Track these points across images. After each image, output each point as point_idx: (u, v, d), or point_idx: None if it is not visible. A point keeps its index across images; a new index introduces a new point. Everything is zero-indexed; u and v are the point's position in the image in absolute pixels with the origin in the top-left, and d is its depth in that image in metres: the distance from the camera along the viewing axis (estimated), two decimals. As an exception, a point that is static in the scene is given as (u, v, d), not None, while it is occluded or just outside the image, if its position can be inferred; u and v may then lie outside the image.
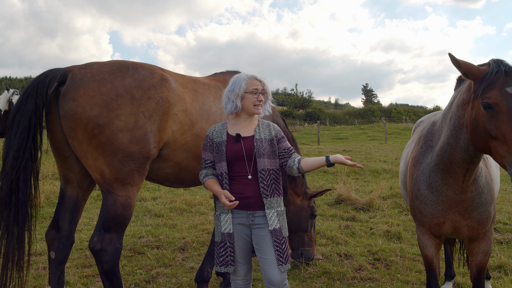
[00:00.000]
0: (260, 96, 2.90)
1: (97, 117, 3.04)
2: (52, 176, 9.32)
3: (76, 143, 3.09)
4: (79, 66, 3.28)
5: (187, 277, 4.54)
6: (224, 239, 2.86)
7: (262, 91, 2.92)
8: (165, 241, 5.77)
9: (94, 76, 3.14)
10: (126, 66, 3.32)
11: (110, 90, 3.11)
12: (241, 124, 2.97)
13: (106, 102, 3.07)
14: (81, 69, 3.21)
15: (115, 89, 3.13)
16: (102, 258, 3.13)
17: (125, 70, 3.27)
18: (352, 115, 65.54)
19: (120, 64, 3.32)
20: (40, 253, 5.18)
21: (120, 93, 3.13)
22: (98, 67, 3.23)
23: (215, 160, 2.92)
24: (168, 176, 3.67)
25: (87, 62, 3.35)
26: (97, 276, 4.53)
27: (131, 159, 3.14)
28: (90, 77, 3.13)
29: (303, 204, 4.92)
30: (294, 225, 4.86)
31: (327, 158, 2.81)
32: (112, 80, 3.15)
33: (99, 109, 3.05)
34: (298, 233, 4.93)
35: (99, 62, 3.34)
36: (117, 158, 3.09)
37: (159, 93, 3.30)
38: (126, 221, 3.22)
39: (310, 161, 2.88)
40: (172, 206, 7.73)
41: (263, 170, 2.84)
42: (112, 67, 3.25)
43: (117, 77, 3.19)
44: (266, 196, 2.84)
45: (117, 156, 3.09)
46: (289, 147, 2.98)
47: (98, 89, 3.09)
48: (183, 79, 3.76)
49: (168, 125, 3.37)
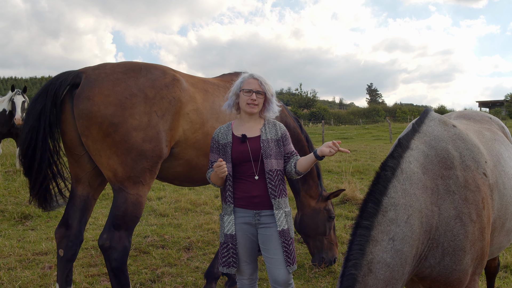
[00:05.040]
0: (253, 95, 2.83)
1: (112, 115, 3.09)
2: (58, 176, 9.34)
3: (90, 142, 3.13)
4: (93, 67, 3.34)
5: (192, 277, 4.54)
6: (226, 240, 2.85)
7: (258, 91, 2.85)
8: (170, 240, 5.78)
9: (108, 76, 3.20)
10: (139, 66, 3.39)
11: (124, 89, 3.17)
12: (246, 125, 2.94)
13: (121, 101, 3.12)
14: (95, 69, 3.27)
15: (129, 89, 3.18)
16: (111, 256, 3.15)
17: (138, 70, 3.33)
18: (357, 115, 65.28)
19: (132, 65, 3.39)
20: (46, 252, 5.20)
21: (134, 93, 3.18)
22: (111, 67, 3.30)
23: None
24: (178, 175, 3.70)
25: (100, 63, 3.42)
26: (103, 275, 4.54)
27: (144, 158, 3.18)
28: (104, 77, 3.19)
29: (319, 206, 4.74)
30: (311, 229, 4.70)
31: (314, 152, 2.76)
32: (126, 80, 3.22)
33: (113, 108, 3.10)
34: (317, 237, 4.72)
35: (112, 63, 3.41)
36: (130, 157, 3.14)
37: (171, 92, 3.35)
38: (136, 220, 3.26)
39: (303, 161, 2.83)
40: (177, 205, 7.74)
41: (270, 170, 2.82)
42: (125, 68, 3.32)
43: (131, 77, 3.25)
44: (274, 196, 2.82)
45: (130, 154, 3.13)
46: (292, 151, 2.94)
47: (113, 88, 3.14)
48: (193, 79, 3.81)
49: (179, 124, 3.41)
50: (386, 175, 2.21)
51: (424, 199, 2.19)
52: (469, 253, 2.27)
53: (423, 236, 2.17)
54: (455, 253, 2.24)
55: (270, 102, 2.93)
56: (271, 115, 2.97)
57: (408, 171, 2.23)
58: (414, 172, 2.23)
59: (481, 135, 2.99)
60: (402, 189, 2.16)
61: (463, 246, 2.24)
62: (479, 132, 3.04)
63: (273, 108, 2.96)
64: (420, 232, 2.15)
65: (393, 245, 2.04)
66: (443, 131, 2.53)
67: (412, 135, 2.44)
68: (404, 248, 2.06)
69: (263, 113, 2.96)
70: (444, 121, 2.63)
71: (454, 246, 2.24)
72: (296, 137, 4.66)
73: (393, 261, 2.02)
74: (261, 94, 2.87)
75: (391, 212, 2.09)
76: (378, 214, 2.08)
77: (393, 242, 2.05)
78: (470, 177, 2.37)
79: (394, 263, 2.02)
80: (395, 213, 2.10)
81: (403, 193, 2.15)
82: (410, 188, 2.18)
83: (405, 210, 2.12)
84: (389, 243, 2.04)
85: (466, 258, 2.27)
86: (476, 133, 2.98)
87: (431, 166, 2.31)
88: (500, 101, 62.79)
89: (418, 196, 2.18)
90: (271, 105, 2.94)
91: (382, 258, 2.01)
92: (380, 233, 2.05)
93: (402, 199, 2.13)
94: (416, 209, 2.15)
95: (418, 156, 2.31)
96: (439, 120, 2.62)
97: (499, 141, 3.05)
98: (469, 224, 2.27)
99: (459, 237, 2.24)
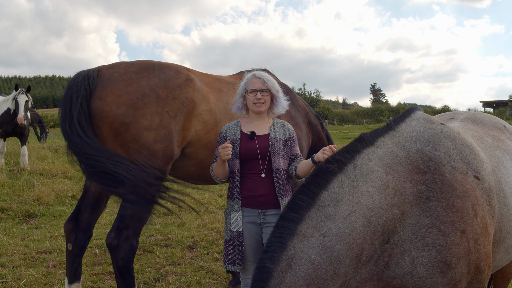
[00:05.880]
0: (258, 94, 2.83)
1: (123, 115, 3.10)
2: (62, 175, 9.38)
3: (101, 141, 3.14)
4: (107, 66, 3.36)
5: (196, 276, 4.54)
6: (233, 237, 2.83)
7: (262, 89, 2.85)
8: (174, 239, 5.78)
9: (121, 75, 3.21)
10: (152, 66, 3.38)
11: (136, 89, 3.17)
12: (254, 123, 2.93)
13: (132, 101, 3.13)
14: (109, 68, 3.29)
15: (141, 89, 3.19)
16: (118, 255, 3.16)
17: (151, 70, 3.33)
18: (360, 115, 65.17)
19: (146, 64, 3.38)
20: (50, 251, 5.21)
21: (146, 93, 3.18)
22: (125, 66, 3.31)
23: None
24: (192, 174, 3.71)
25: (115, 62, 3.44)
26: (107, 274, 4.55)
27: (155, 157, 3.18)
28: (117, 76, 3.21)
29: None
30: None
31: (312, 158, 2.75)
32: (138, 80, 3.22)
33: (125, 108, 3.11)
34: None
35: (126, 62, 3.41)
36: (141, 156, 3.14)
37: (184, 93, 3.34)
38: (144, 220, 3.27)
39: (302, 166, 2.83)
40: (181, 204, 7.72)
41: (278, 169, 2.81)
42: (138, 67, 3.32)
43: (143, 77, 3.25)
44: (281, 196, 2.81)
45: (141, 154, 3.14)
46: (297, 153, 2.95)
47: (125, 89, 3.15)
48: (208, 78, 3.79)
49: (192, 124, 3.40)
50: (329, 168, 2.02)
51: (380, 198, 1.97)
52: (456, 267, 1.99)
53: (371, 236, 1.92)
54: (431, 264, 1.97)
55: (277, 98, 2.93)
56: (280, 110, 2.96)
57: (364, 168, 2.02)
58: (373, 170, 2.02)
59: (481, 140, 2.78)
60: (351, 185, 1.96)
61: (444, 258, 1.98)
62: (479, 137, 2.84)
63: (282, 103, 2.95)
64: (365, 231, 1.91)
65: (323, 241, 1.83)
66: (426, 130, 2.28)
67: (383, 132, 2.23)
68: (336, 246, 1.84)
69: (272, 109, 2.96)
70: (430, 119, 2.40)
71: (430, 257, 1.97)
72: (318, 135, 4.72)
73: (319, 258, 1.81)
74: (266, 92, 2.87)
75: (329, 207, 1.90)
76: (311, 208, 1.90)
77: (323, 238, 1.84)
78: (456, 180, 2.10)
79: (320, 260, 1.81)
80: (335, 209, 1.90)
81: (352, 189, 1.95)
82: (363, 185, 1.97)
83: (348, 206, 1.91)
84: (318, 239, 1.83)
85: (451, 272, 1.99)
86: (475, 137, 2.78)
87: (399, 167, 2.08)
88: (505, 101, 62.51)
89: (372, 193, 1.96)
90: (278, 101, 2.94)
91: (306, 254, 1.81)
92: (310, 228, 1.85)
93: (348, 196, 1.93)
94: (364, 206, 1.93)
95: (384, 155, 2.09)
96: (424, 119, 2.38)
97: (502, 149, 2.83)
98: (453, 234, 1.99)
99: (437, 248, 1.97)
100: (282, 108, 2.96)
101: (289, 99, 3.18)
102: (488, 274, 2.17)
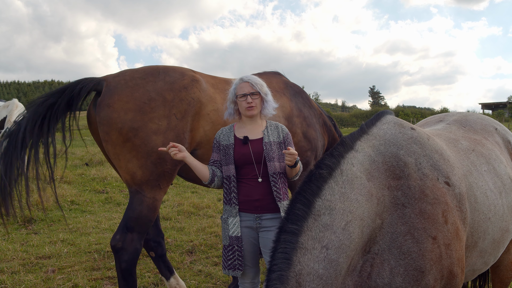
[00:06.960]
0: (248, 98, 2.84)
1: (132, 120, 3.16)
2: (61, 180, 9.38)
3: (109, 146, 3.21)
4: (113, 74, 3.43)
5: (195, 280, 4.54)
6: (232, 242, 2.84)
7: (251, 92, 2.85)
8: (173, 244, 5.78)
9: (127, 82, 3.28)
10: (158, 70, 3.44)
11: (143, 94, 3.24)
12: (248, 127, 2.94)
13: (140, 107, 3.19)
14: (115, 77, 3.36)
15: (147, 93, 3.25)
16: (122, 257, 3.19)
17: (157, 74, 3.40)
18: (359, 118, 65.14)
19: (151, 69, 3.45)
20: (49, 256, 5.21)
21: (152, 97, 3.24)
22: (131, 73, 3.38)
23: (222, 162, 2.91)
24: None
25: (121, 70, 3.53)
26: (106, 279, 4.55)
27: (164, 161, 3.23)
28: (123, 83, 3.27)
29: None
30: None
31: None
32: (144, 85, 3.29)
33: (133, 113, 3.17)
34: None
35: (131, 69, 3.49)
36: (150, 160, 3.19)
37: (190, 94, 3.39)
38: (149, 223, 3.29)
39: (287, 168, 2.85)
40: (180, 209, 7.75)
41: (274, 173, 2.82)
42: (144, 73, 3.39)
43: (149, 81, 3.32)
44: (279, 199, 2.82)
45: (150, 158, 3.19)
46: None
47: (132, 95, 3.22)
48: (214, 80, 3.84)
49: (200, 125, 3.45)
50: (321, 174, 1.94)
51: (368, 208, 1.94)
52: (429, 274, 1.99)
53: (359, 247, 1.91)
54: (408, 273, 1.96)
55: (265, 101, 2.94)
56: (268, 113, 2.97)
57: (349, 173, 1.97)
58: (356, 177, 1.98)
59: (455, 143, 2.75)
60: (340, 192, 1.90)
61: (419, 265, 1.97)
62: (454, 140, 2.79)
63: (270, 106, 2.97)
64: (359, 242, 1.89)
65: (327, 254, 1.77)
66: (398, 134, 2.27)
67: (358, 135, 2.19)
68: (340, 259, 1.79)
69: (261, 112, 2.97)
70: (400, 123, 2.38)
71: (406, 265, 1.96)
72: (332, 135, 4.85)
73: (326, 272, 1.75)
74: (256, 95, 2.88)
75: (325, 216, 1.83)
76: (308, 218, 1.82)
77: (327, 250, 1.78)
78: (427, 187, 2.08)
79: (328, 275, 1.75)
80: (330, 218, 1.83)
81: (342, 196, 1.90)
82: (350, 192, 1.92)
83: (343, 215, 1.85)
84: (321, 251, 1.77)
85: (426, 279, 1.98)
86: (449, 140, 2.74)
87: (377, 173, 2.05)
88: (503, 103, 62.69)
89: (362, 202, 1.92)
90: (266, 104, 2.95)
91: (313, 269, 1.73)
92: (310, 240, 1.78)
93: (339, 204, 1.87)
94: (357, 216, 1.88)
95: (364, 160, 2.06)
96: (395, 123, 2.35)
97: (479, 152, 2.79)
98: (425, 241, 1.99)
99: (412, 256, 1.96)
100: (269, 111, 2.97)
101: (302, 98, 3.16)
102: (462, 278, 2.17)
